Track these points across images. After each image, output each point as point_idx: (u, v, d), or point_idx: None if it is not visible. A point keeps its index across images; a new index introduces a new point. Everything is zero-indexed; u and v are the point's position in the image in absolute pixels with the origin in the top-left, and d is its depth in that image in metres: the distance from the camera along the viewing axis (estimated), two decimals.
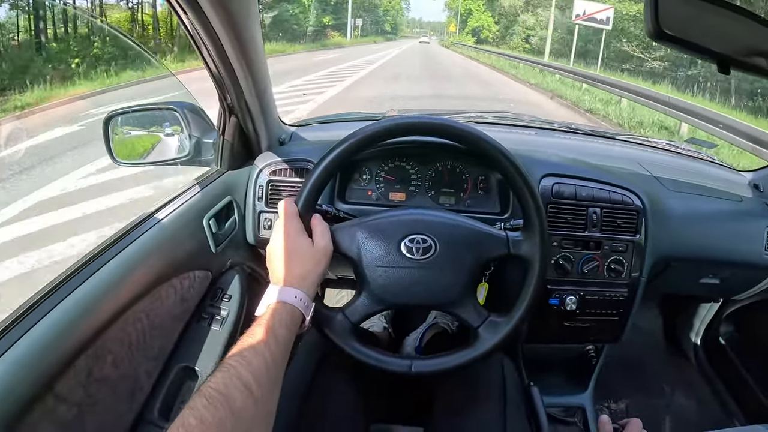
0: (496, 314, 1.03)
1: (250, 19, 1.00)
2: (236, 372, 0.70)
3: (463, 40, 54.38)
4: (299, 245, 0.93)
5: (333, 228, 1.00)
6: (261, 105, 1.23)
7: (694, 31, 0.78)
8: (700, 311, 2.11)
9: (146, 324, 1.05)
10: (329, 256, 0.96)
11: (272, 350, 0.77)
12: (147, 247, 1.02)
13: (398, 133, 1.01)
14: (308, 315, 0.89)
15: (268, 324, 0.80)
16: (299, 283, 0.89)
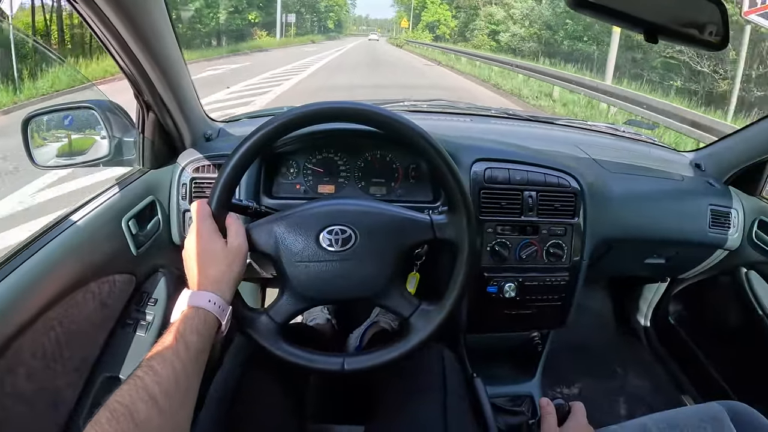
0: (428, 302, 1.00)
1: (154, 11, 0.95)
2: (142, 383, 0.68)
3: (419, 37, 48.56)
4: (212, 246, 0.89)
5: (249, 226, 0.96)
6: (178, 100, 1.18)
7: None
8: (648, 291, 2.13)
9: (62, 333, 1.00)
10: (244, 256, 0.92)
11: (182, 359, 0.74)
12: (60, 251, 0.97)
13: (310, 120, 0.95)
14: (224, 319, 0.85)
15: (179, 331, 0.77)
16: (213, 287, 0.85)
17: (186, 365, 0.74)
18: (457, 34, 44.79)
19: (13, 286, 0.85)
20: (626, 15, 0.76)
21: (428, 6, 51.44)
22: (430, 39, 46.46)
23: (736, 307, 1.74)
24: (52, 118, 1.26)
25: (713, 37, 0.81)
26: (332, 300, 1.03)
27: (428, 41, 42.64)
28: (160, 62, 1.05)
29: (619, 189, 1.48)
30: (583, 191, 1.34)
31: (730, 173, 1.66)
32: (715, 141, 1.79)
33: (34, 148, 1.19)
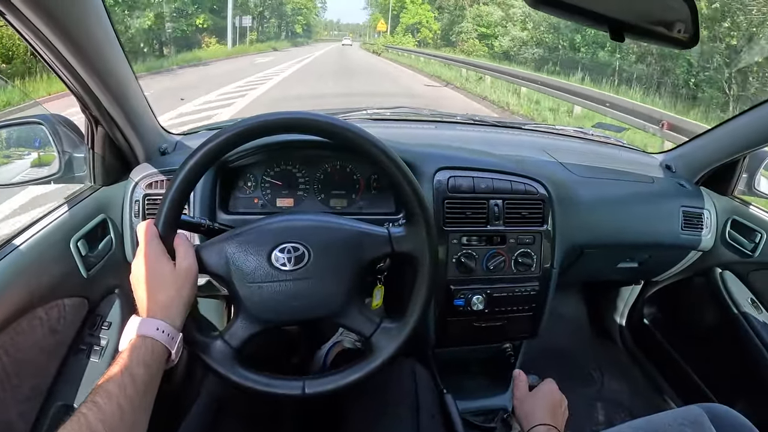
0: (389, 320, 0.96)
1: (89, 23, 0.90)
2: (86, 420, 0.64)
3: (400, 42, 41.21)
4: (160, 270, 0.84)
5: (198, 246, 0.91)
6: (126, 113, 1.12)
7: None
8: (623, 295, 2.12)
9: (9, 362, 0.95)
10: (194, 279, 0.87)
11: (128, 393, 0.70)
12: (2, 277, 0.91)
13: (259, 133, 0.90)
14: (173, 348, 0.80)
15: (125, 363, 0.73)
16: (163, 313, 0.80)
17: (132, 399, 0.70)
18: (440, 38, 39.85)
19: None
20: (590, 12, 0.73)
21: (408, 6, 44.63)
22: (413, 44, 40.60)
23: (711, 308, 1.73)
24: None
25: (682, 35, 0.79)
26: (289, 321, 0.98)
27: (412, 47, 36.85)
28: (103, 75, 1.00)
29: (588, 194, 1.46)
30: (551, 197, 1.32)
31: (701, 174, 1.65)
32: (686, 141, 1.78)
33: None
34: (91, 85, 1.00)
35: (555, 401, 1.10)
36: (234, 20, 32.69)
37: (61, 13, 0.82)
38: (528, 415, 1.07)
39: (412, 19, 43.37)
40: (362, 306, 0.96)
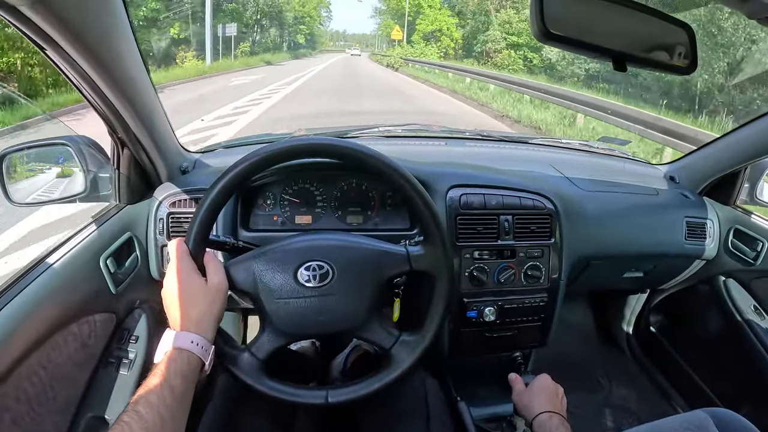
0: (408, 333, 1.01)
1: (120, 50, 0.95)
2: (129, 428, 0.68)
3: (422, 54, 32.95)
4: (192, 287, 0.88)
5: (227, 264, 0.96)
6: (152, 136, 1.17)
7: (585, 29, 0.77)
8: (629, 303, 2.15)
9: (45, 376, 0.99)
10: (224, 294, 0.92)
11: (168, 403, 0.74)
12: (37, 295, 0.95)
13: (279, 159, 0.96)
14: (207, 359, 0.85)
15: (164, 375, 0.77)
16: (196, 327, 0.85)
17: (172, 409, 0.74)
18: (461, 48, 34.44)
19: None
20: (595, 46, 0.77)
21: (425, 11, 37.36)
22: (437, 56, 33.12)
23: (716, 315, 1.76)
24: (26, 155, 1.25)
25: (682, 60, 0.82)
26: (313, 335, 1.03)
27: (436, 59, 29.21)
28: (133, 101, 1.05)
29: (593, 207, 1.50)
30: (558, 212, 1.36)
31: (704, 184, 1.69)
32: (689, 153, 1.82)
33: (10, 185, 1.18)
34: (120, 110, 1.04)
35: (551, 390, 1.16)
36: (216, 29, 26.07)
37: (98, 47, 0.87)
38: (528, 407, 1.14)
39: (430, 26, 36.84)
40: (382, 320, 1.01)
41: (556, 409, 1.11)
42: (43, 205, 1.23)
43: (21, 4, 0.69)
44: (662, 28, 0.81)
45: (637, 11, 0.77)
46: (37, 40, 0.80)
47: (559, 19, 0.74)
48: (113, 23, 0.88)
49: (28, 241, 3.62)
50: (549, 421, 1.07)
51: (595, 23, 0.78)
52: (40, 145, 1.26)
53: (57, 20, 0.75)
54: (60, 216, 3.90)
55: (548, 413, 1.09)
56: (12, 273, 0.98)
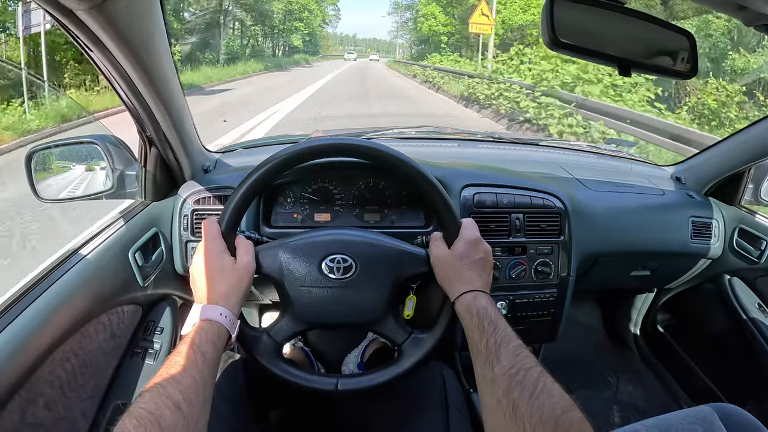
0: (419, 330, 1.05)
1: (159, 54, 1.00)
2: (165, 391, 0.71)
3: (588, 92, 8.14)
4: (222, 263, 0.94)
5: (256, 249, 1.01)
6: (180, 136, 1.23)
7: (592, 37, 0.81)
8: (636, 302, 2.19)
9: (76, 363, 1.04)
10: (251, 275, 0.97)
11: (200, 368, 0.77)
12: (71, 285, 1.01)
13: (315, 155, 1.02)
14: (234, 332, 0.90)
15: (195, 342, 0.81)
16: (224, 301, 0.90)
17: (204, 374, 0.78)
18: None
19: (29, 320, 0.90)
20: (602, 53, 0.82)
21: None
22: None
23: (721, 313, 1.79)
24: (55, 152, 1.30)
25: (684, 66, 0.87)
26: (330, 324, 1.08)
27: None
28: (165, 101, 1.11)
29: (602, 206, 1.54)
30: (568, 210, 1.40)
31: (710, 185, 1.72)
32: (695, 154, 1.85)
33: (38, 182, 1.22)
34: (154, 110, 1.10)
35: (477, 253, 1.01)
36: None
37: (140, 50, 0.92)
38: (450, 279, 0.99)
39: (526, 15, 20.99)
40: (397, 316, 1.06)
41: (483, 284, 0.98)
42: (70, 202, 1.27)
43: (78, 8, 0.74)
44: (665, 36, 0.86)
45: (642, 20, 0.82)
46: (86, 42, 0.86)
47: (569, 28, 0.79)
48: (155, 27, 0.94)
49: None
50: (474, 302, 0.94)
51: (602, 32, 0.82)
52: (68, 143, 1.31)
53: (108, 23, 0.80)
54: None
55: (473, 292, 0.95)
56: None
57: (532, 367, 0.80)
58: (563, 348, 1.59)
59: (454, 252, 1.01)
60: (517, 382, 0.78)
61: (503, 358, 0.83)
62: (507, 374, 0.80)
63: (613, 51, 0.82)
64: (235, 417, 1.06)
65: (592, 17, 0.81)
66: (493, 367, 0.82)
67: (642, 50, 0.85)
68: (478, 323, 0.90)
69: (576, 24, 0.79)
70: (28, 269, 1.01)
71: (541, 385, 0.76)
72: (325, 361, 1.81)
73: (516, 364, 0.80)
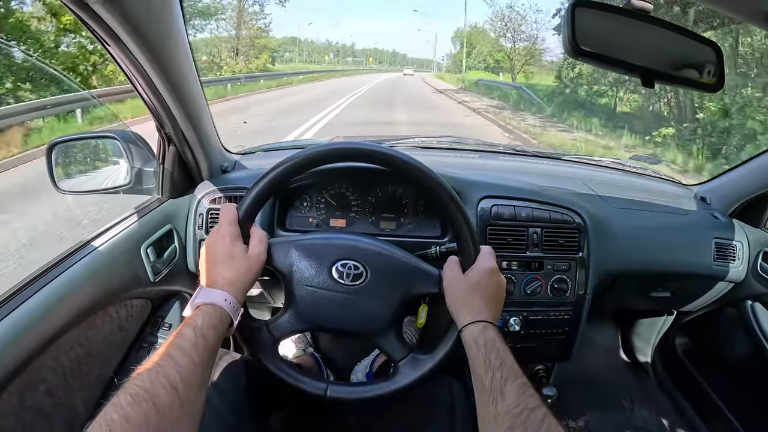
0: (420, 351, 1.03)
1: (177, 51, 1.01)
2: (163, 370, 0.70)
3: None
4: (234, 249, 0.93)
5: (270, 241, 1.01)
6: (198, 134, 1.24)
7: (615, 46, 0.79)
8: (654, 324, 2.13)
9: (81, 352, 1.04)
10: (261, 264, 0.96)
11: (200, 351, 0.77)
12: (81, 276, 1.02)
13: (338, 158, 1.02)
14: (236, 319, 0.89)
15: (197, 325, 0.80)
16: (230, 287, 0.89)
17: (203, 358, 0.77)
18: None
19: (36, 307, 0.90)
20: (624, 62, 0.80)
21: None
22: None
23: (741, 339, 1.74)
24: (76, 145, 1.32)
25: (710, 78, 0.84)
26: (330, 329, 1.07)
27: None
28: (183, 100, 1.12)
29: (623, 224, 1.50)
30: (587, 227, 1.36)
31: (735, 206, 1.67)
32: (720, 174, 1.81)
33: (58, 173, 1.24)
34: (171, 107, 1.11)
35: (492, 284, 1.00)
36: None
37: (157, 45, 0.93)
38: (458, 307, 0.98)
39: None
40: (400, 333, 1.04)
41: (492, 316, 0.95)
42: (88, 194, 1.29)
43: (94, 2, 0.75)
44: (691, 47, 0.83)
45: (666, 30, 0.79)
46: (103, 36, 0.87)
47: (591, 36, 0.77)
48: (172, 24, 0.95)
49: None
50: (483, 333, 0.91)
51: (625, 41, 0.80)
52: (90, 137, 1.34)
53: (124, 18, 0.81)
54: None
55: (482, 323, 0.93)
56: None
57: (537, 407, 0.77)
58: (577, 368, 1.55)
59: (469, 279, 0.99)
60: (520, 422, 0.75)
61: (508, 396, 0.80)
62: (511, 413, 0.77)
63: (637, 61, 0.80)
64: (233, 417, 1.04)
65: (615, 25, 0.78)
66: (497, 404, 0.80)
67: (666, 61, 0.82)
68: (484, 356, 0.88)
69: (598, 32, 0.77)
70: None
71: (545, 428, 0.74)
72: (335, 368, 1.79)
73: (521, 403, 0.78)
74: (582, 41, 0.76)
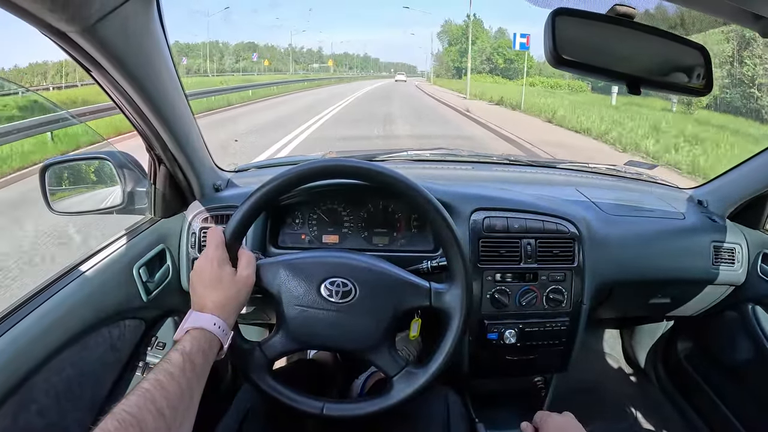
0: (413, 365, 1.03)
1: (160, 75, 1.02)
2: (150, 396, 0.70)
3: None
4: (221, 273, 0.93)
5: (258, 263, 1.01)
6: (187, 155, 1.24)
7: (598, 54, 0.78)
8: (655, 330, 2.11)
9: (73, 373, 1.04)
10: (251, 287, 0.97)
11: (188, 377, 0.77)
12: (73, 297, 1.02)
13: (318, 176, 1.01)
14: (226, 343, 0.89)
15: (185, 350, 0.80)
16: (219, 311, 0.89)
17: (191, 382, 0.77)
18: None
19: (29, 328, 0.90)
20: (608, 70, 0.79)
21: None
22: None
23: (744, 343, 1.71)
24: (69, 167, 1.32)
25: (699, 82, 0.84)
26: (322, 347, 1.07)
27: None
28: (170, 122, 1.11)
29: (618, 231, 1.49)
30: (582, 236, 1.36)
31: (733, 208, 1.66)
32: (717, 176, 1.80)
33: (51, 194, 1.24)
34: (158, 129, 1.11)
35: None
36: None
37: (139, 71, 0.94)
38: None
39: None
40: (392, 348, 1.03)
41: None
42: (82, 215, 1.29)
43: (71, 31, 0.75)
44: (678, 51, 0.82)
45: (651, 35, 0.78)
46: (84, 63, 0.87)
47: (572, 44, 0.76)
48: (154, 49, 0.95)
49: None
50: None
51: (608, 47, 0.79)
52: (82, 159, 1.34)
53: (103, 46, 0.81)
54: None
55: None
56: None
57: None
58: (579, 377, 1.54)
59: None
60: None
61: None
62: None
63: (622, 68, 0.79)
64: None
65: (597, 33, 0.77)
66: None
67: (653, 67, 0.81)
68: None
69: (580, 40, 0.76)
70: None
71: None
72: (355, 367, 1.76)
73: None
74: (563, 50, 0.75)
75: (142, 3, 0.86)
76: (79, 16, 0.73)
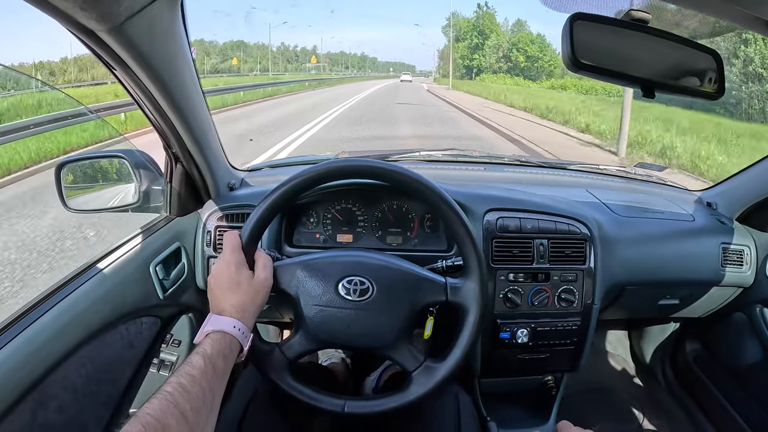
0: (432, 359, 1.04)
1: (182, 74, 1.04)
2: (173, 399, 0.71)
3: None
4: (240, 276, 0.94)
5: (275, 264, 1.02)
6: (203, 153, 1.25)
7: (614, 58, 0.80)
8: (664, 331, 2.12)
9: (92, 370, 1.05)
10: (268, 289, 0.98)
11: (210, 379, 0.78)
12: (91, 294, 1.03)
13: (336, 176, 1.03)
14: (246, 345, 0.91)
15: (207, 353, 0.82)
16: (238, 314, 0.91)
17: (213, 386, 0.79)
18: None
19: (49, 324, 0.92)
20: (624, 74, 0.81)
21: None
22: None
23: (752, 344, 1.72)
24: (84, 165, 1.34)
25: (711, 86, 0.85)
26: (342, 345, 1.08)
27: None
28: (189, 120, 1.13)
29: (629, 233, 1.50)
30: (593, 237, 1.37)
31: (742, 210, 1.67)
32: (726, 178, 1.80)
33: (67, 192, 1.26)
34: (177, 127, 1.13)
35: None
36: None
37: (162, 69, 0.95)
38: None
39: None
40: (410, 344, 1.04)
41: None
42: (97, 213, 1.30)
43: (100, 30, 0.77)
44: (690, 55, 0.83)
45: (665, 39, 0.80)
46: (109, 62, 0.89)
47: (590, 49, 0.77)
48: (177, 49, 0.97)
49: None
50: None
51: (624, 52, 0.80)
52: (98, 157, 1.35)
53: (129, 45, 0.83)
54: None
55: None
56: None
57: None
58: (587, 377, 1.55)
59: None
60: None
61: None
62: None
63: (636, 72, 0.80)
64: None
65: (613, 38, 0.79)
66: None
67: (666, 71, 0.82)
68: None
69: (597, 44, 0.78)
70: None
71: None
72: (365, 371, 1.79)
73: None
74: (581, 54, 0.77)
75: (168, 3, 0.88)
76: (108, 14, 0.75)
